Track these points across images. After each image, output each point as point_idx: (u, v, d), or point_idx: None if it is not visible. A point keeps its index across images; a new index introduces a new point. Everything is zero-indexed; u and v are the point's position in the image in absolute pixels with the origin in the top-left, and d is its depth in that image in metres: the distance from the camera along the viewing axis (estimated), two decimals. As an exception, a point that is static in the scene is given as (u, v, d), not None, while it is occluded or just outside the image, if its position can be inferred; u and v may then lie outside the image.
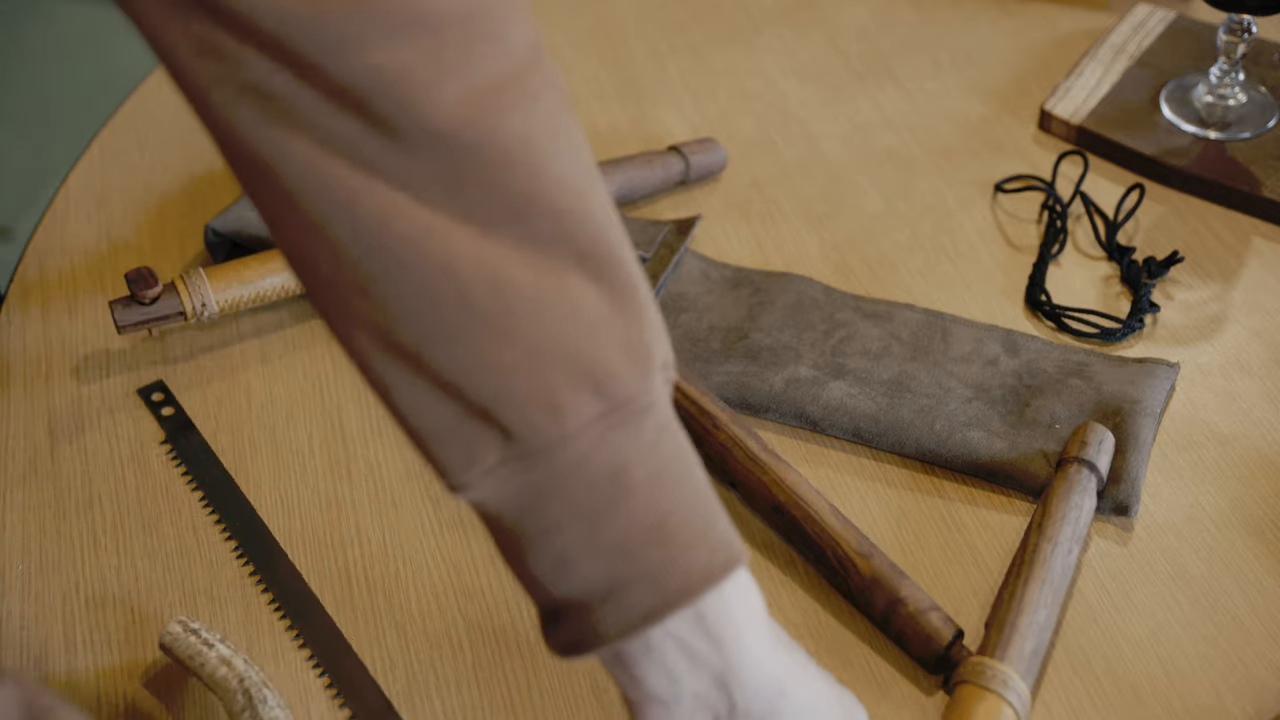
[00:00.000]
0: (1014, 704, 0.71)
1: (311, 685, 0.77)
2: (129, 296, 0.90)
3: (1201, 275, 0.96)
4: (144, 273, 0.90)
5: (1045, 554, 0.76)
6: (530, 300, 0.54)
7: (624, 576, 0.55)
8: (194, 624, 0.76)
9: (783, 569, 0.81)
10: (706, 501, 0.57)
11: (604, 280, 0.55)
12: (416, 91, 0.51)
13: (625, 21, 1.21)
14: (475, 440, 0.54)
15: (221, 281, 0.92)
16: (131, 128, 1.12)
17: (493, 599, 0.81)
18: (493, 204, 0.53)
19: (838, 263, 0.98)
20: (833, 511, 0.79)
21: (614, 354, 0.55)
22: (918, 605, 0.75)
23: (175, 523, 0.85)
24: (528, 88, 0.54)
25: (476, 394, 0.54)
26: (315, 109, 0.51)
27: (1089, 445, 0.81)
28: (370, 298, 0.53)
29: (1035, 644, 0.74)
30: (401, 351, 0.54)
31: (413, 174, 0.52)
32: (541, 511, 0.55)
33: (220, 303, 0.92)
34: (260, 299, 0.93)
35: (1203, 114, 1.05)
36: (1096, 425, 0.83)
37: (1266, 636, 0.77)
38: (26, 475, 0.88)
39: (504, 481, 0.55)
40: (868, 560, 0.77)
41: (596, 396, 0.54)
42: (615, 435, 0.55)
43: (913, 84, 1.13)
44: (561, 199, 0.54)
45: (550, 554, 0.56)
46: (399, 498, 0.86)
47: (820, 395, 0.87)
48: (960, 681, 0.73)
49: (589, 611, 0.56)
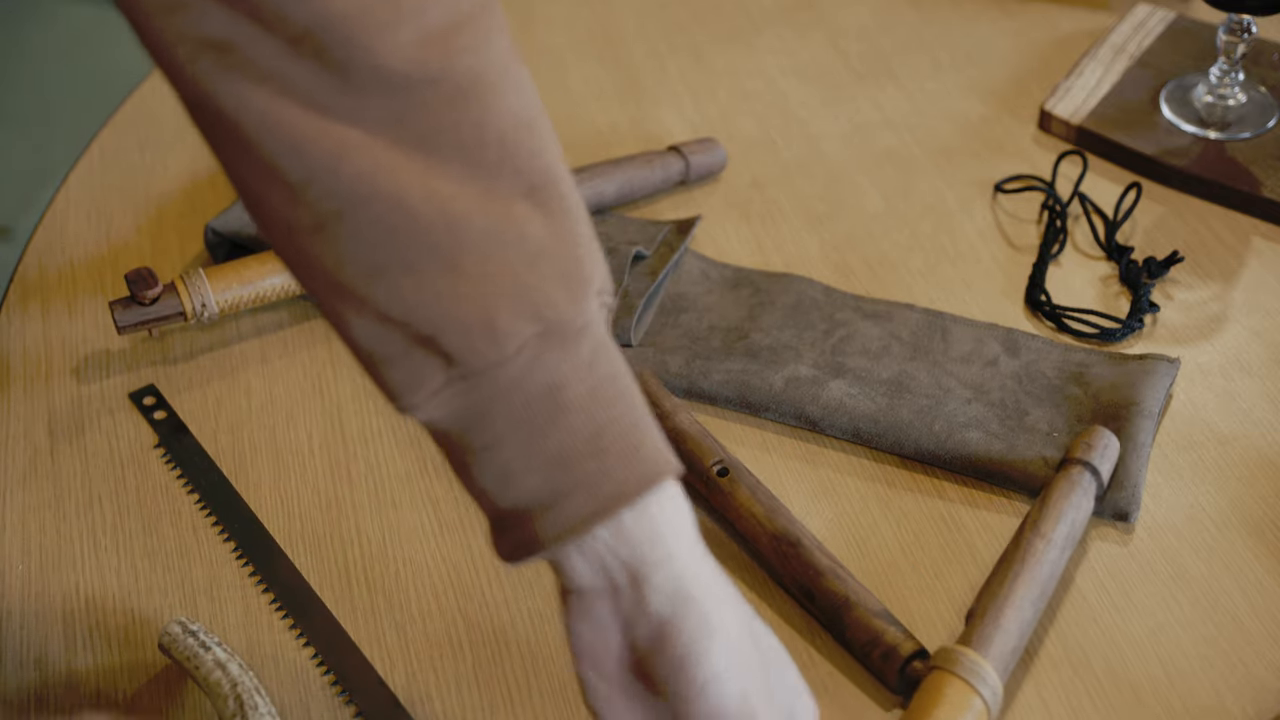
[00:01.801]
0: (986, 699, 0.71)
1: (313, 685, 0.77)
2: (129, 297, 0.90)
3: (1201, 275, 0.96)
4: (144, 273, 0.90)
5: (1039, 550, 0.76)
6: (479, 231, 0.57)
7: (562, 487, 0.59)
8: (193, 625, 0.76)
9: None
10: (640, 418, 0.61)
11: (547, 209, 0.58)
12: (373, 34, 0.54)
13: (625, 21, 1.21)
14: (421, 366, 0.58)
15: (221, 282, 0.92)
16: (131, 128, 1.12)
17: (493, 599, 0.81)
18: (444, 139, 0.56)
19: (838, 263, 0.98)
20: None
21: (553, 281, 0.58)
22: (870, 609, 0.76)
23: (175, 523, 0.85)
24: (480, 29, 0.57)
25: (423, 323, 0.57)
26: (274, 57, 0.54)
27: (1094, 449, 0.81)
28: (326, 237, 0.56)
29: (1016, 643, 0.73)
30: (355, 287, 0.57)
31: (367, 113, 0.55)
32: (485, 429, 0.59)
33: (220, 303, 0.92)
34: (260, 299, 0.93)
35: (1203, 114, 1.05)
36: (1103, 430, 0.82)
37: (1266, 636, 0.77)
38: (26, 475, 0.88)
39: (449, 402, 0.58)
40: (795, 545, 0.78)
41: (534, 320, 0.58)
42: (551, 356, 0.58)
43: (913, 84, 1.13)
44: (511, 133, 0.57)
45: (494, 468, 0.59)
46: (399, 498, 0.86)
47: (820, 395, 0.87)
48: (934, 667, 0.72)
49: (531, 520, 0.59)
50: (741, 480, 0.81)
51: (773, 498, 0.81)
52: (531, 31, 1.20)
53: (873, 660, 0.75)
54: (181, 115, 0.58)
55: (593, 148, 1.07)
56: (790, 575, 0.78)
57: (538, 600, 0.80)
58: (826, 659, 0.77)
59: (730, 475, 0.82)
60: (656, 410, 0.85)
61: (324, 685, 0.77)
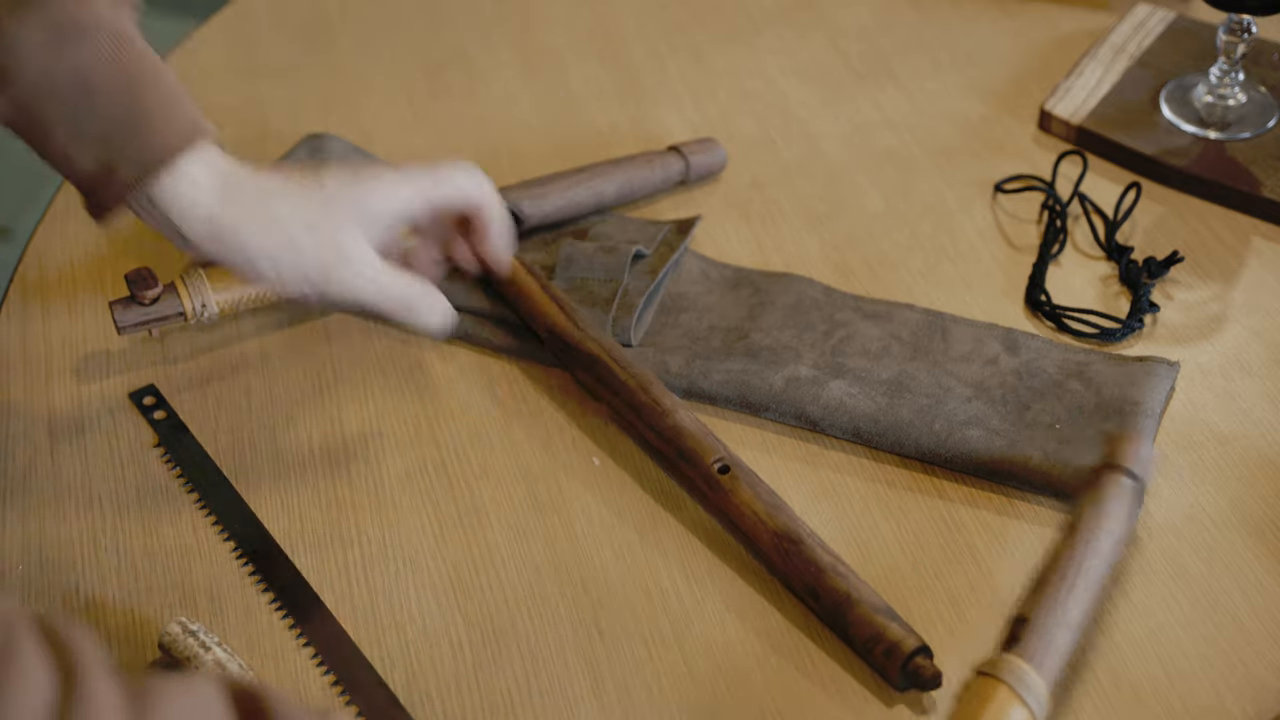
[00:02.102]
0: (1035, 712, 0.69)
1: (313, 685, 0.77)
2: (129, 297, 0.90)
3: (1201, 275, 0.96)
4: (144, 273, 0.90)
5: (1095, 572, 0.73)
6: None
7: (113, 159, 0.75)
8: (193, 625, 0.76)
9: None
10: (173, 96, 0.76)
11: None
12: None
13: (625, 21, 1.21)
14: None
15: (221, 282, 0.92)
16: (131, 128, 1.12)
17: (493, 599, 0.81)
18: None
19: (838, 263, 0.98)
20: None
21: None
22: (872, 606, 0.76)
23: (175, 523, 0.85)
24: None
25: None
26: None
27: (1141, 459, 0.78)
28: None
29: (1064, 662, 0.71)
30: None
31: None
32: (35, 120, 0.75)
33: (220, 303, 0.92)
34: (260, 300, 0.93)
35: (1203, 114, 1.05)
36: (1146, 439, 0.79)
37: (1266, 636, 0.77)
38: (26, 475, 0.88)
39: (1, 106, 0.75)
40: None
41: (41, 26, 0.73)
42: (68, 50, 0.73)
43: (913, 84, 1.13)
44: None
45: (56, 150, 0.76)
46: (399, 498, 0.86)
47: (820, 395, 0.87)
48: (986, 674, 0.70)
49: (99, 187, 0.76)
50: (742, 478, 0.81)
51: (774, 495, 0.81)
52: (531, 31, 1.20)
53: (875, 657, 0.75)
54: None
55: (593, 148, 1.07)
56: (793, 573, 0.78)
57: (538, 601, 0.81)
58: (830, 657, 0.77)
59: (731, 473, 0.82)
60: (656, 409, 0.85)
61: (325, 685, 0.77)
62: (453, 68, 1.17)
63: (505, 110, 1.12)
